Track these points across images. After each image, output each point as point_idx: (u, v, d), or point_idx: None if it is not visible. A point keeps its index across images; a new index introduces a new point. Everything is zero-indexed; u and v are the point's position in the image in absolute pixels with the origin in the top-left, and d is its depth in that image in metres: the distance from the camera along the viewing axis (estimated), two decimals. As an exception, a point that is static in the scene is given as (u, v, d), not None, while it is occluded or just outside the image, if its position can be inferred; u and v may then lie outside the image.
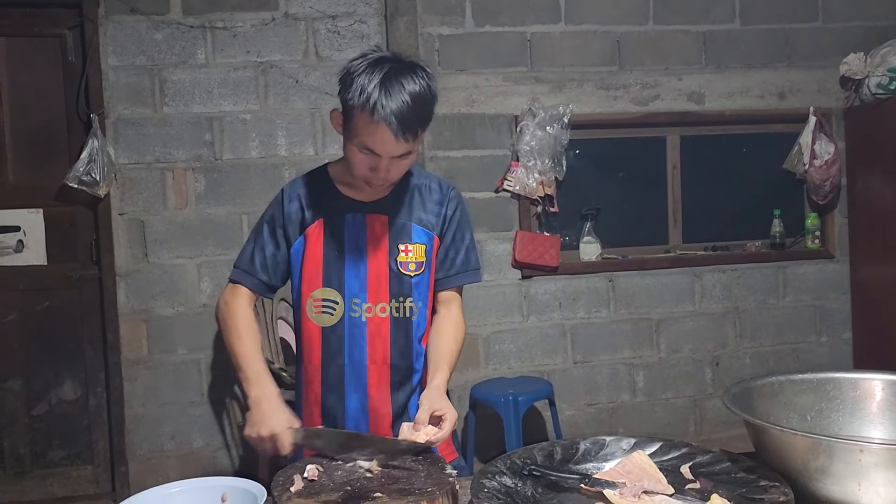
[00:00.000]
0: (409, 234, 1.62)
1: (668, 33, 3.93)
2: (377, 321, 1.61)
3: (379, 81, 1.43)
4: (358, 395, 1.62)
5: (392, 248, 1.61)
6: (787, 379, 1.49)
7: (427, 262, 1.63)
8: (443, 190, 1.67)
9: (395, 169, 1.52)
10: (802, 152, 4.00)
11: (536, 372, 3.86)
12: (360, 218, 1.61)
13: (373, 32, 3.66)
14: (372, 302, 1.60)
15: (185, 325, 3.58)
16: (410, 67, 1.48)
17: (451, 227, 1.66)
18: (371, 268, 1.60)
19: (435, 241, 1.65)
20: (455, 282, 1.67)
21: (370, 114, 1.42)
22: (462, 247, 1.67)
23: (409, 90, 1.44)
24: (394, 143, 1.45)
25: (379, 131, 1.44)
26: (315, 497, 1.24)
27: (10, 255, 3.50)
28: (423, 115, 1.48)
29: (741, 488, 1.25)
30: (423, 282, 1.63)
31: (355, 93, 1.44)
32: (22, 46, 3.48)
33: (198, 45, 3.55)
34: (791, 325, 4.12)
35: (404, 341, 1.62)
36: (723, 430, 3.94)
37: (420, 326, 1.64)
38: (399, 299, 1.61)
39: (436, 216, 1.65)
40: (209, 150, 3.58)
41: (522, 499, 1.28)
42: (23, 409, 3.54)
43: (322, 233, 1.62)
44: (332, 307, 1.61)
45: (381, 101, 1.41)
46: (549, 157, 3.74)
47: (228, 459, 3.67)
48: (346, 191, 1.63)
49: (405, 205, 1.63)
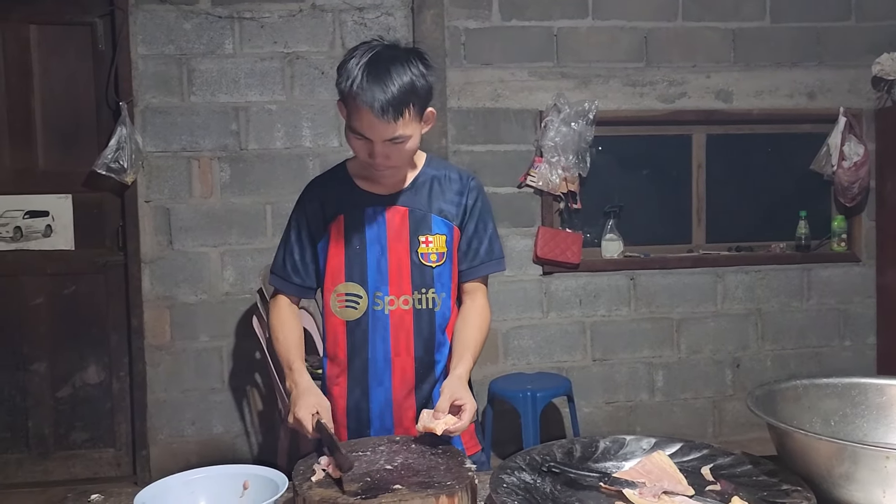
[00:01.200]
0: (430, 225, 1.62)
1: (697, 30, 3.89)
2: (400, 314, 1.61)
3: (364, 66, 1.45)
4: (382, 388, 1.63)
5: (413, 239, 1.61)
6: (811, 383, 1.47)
7: (448, 253, 1.63)
8: (462, 180, 1.66)
9: (395, 154, 1.53)
10: (831, 153, 3.94)
11: (555, 368, 3.85)
12: (379, 211, 1.62)
13: (399, 25, 3.67)
14: (394, 294, 1.61)
15: (208, 312, 3.62)
16: (404, 55, 1.50)
17: (473, 218, 1.65)
18: (392, 260, 1.61)
19: (455, 232, 1.64)
20: (479, 272, 1.67)
21: (354, 97, 1.46)
22: (485, 236, 1.66)
23: (394, 74, 1.45)
24: (378, 125, 1.46)
25: (363, 114, 1.46)
26: (335, 487, 1.25)
27: (39, 240, 3.55)
28: (410, 99, 1.47)
29: (762, 491, 1.25)
30: (445, 272, 1.63)
31: (343, 78, 1.48)
32: (53, 34, 3.52)
33: (225, 36, 3.58)
34: (814, 328, 4.07)
35: (428, 333, 1.62)
36: (742, 433, 3.91)
37: (444, 317, 1.64)
38: (421, 291, 1.62)
39: (456, 206, 1.64)
40: (235, 139, 3.61)
41: (541, 495, 1.28)
42: (48, 391, 3.60)
43: (343, 228, 1.63)
44: (356, 301, 1.62)
45: (362, 83, 1.44)
46: (573, 153, 3.72)
47: (248, 446, 3.71)
48: (365, 185, 1.64)
49: (424, 196, 1.63)
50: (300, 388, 1.54)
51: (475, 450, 1.67)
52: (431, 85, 1.54)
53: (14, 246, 3.54)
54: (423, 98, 1.52)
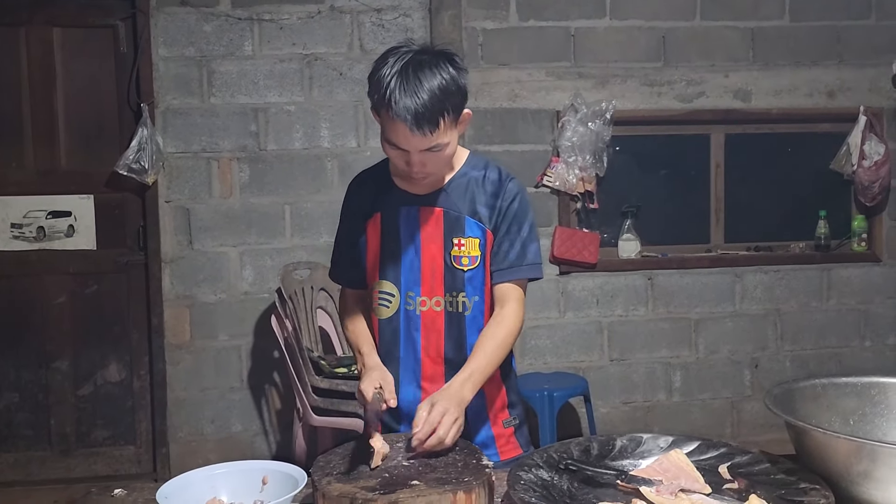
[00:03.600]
0: (463, 228, 1.60)
1: (716, 29, 3.87)
2: (432, 315, 1.61)
3: (396, 76, 1.43)
4: (412, 387, 1.63)
5: (447, 241, 1.59)
6: (830, 382, 1.47)
7: (481, 257, 1.60)
8: (500, 181, 1.62)
9: (432, 162, 1.51)
10: (851, 153, 3.91)
11: (572, 368, 3.85)
12: (414, 211, 1.61)
13: (417, 26, 3.68)
14: (426, 296, 1.60)
15: (227, 311, 3.66)
16: (434, 59, 1.47)
17: (507, 220, 1.60)
18: (425, 261, 1.60)
19: (488, 235, 1.60)
20: (507, 276, 1.60)
21: (387, 110, 1.43)
22: (517, 240, 1.60)
23: (427, 83, 1.42)
24: (413, 138, 1.44)
25: (398, 127, 1.44)
26: (353, 483, 1.26)
27: (62, 240, 3.61)
28: (444, 108, 1.44)
29: (780, 490, 1.24)
30: (477, 276, 1.60)
31: (375, 89, 1.46)
32: (76, 37, 3.58)
33: (245, 37, 3.61)
34: (834, 328, 4.03)
35: (458, 336, 1.61)
36: (760, 434, 3.88)
37: (476, 321, 1.61)
38: (452, 293, 1.60)
39: (489, 209, 1.60)
40: (254, 140, 3.64)
41: (558, 492, 1.29)
42: (70, 388, 3.65)
43: (379, 226, 1.63)
44: (389, 300, 1.63)
45: (395, 96, 1.41)
46: (591, 153, 3.72)
47: (266, 445, 3.74)
48: (402, 184, 1.62)
49: (460, 197, 1.61)
50: (367, 366, 1.59)
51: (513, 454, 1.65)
52: (465, 87, 1.51)
53: (37, 246, 3.59)
54: (457, 103, 1.49)
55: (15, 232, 3.58)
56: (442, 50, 1.52)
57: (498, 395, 1.67)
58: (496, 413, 1.67)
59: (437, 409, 1.40)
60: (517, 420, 1.70)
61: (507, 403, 1.69)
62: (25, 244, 3.59)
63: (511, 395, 1.70)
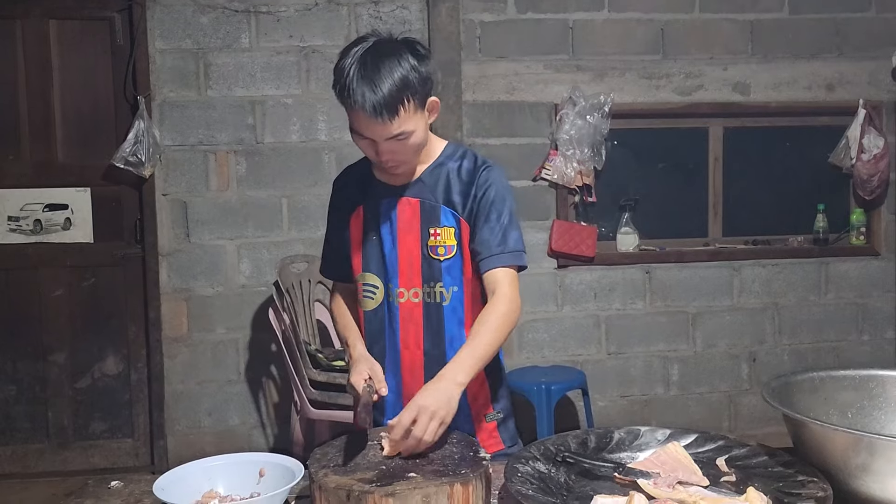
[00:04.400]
0: (439, 218, 1.60)
1: (714, 22, 3.86)
2: (410, 306, 1.61)
3: (353, 66, 1.44)
4: (395, 379, 1.63)
5: (423, 232, 1.60)
6: (828, 375, 1.47)
7: (457, 246, 1.59)
8: (475, 169, 1.60)
9: (401, 151, 1.51)
10: (850, 146, 3.90)
11: (570, 362, 3.85)
12: (392, 203, 1.62)
13: (414, 18, 3.67)
14: (405, 287, 1.61)
15: (225, 305, 3.65)
16: (395, 47, 1.47)
17: (484, 209, 1.57)
18: (402, 252, 1.61)
19: (462, 224, 1.59)
20: (491, 264, 1.55)
21: (346, 99, 1.45)
22: (497, 227, 1.56)
23: (385, 71, 1.43)
24: (375, 125, 1.45)
25: (359, 116, 1.45)
26: (350, 475, 1.26)
27: (59, 233, 3.60)
28: (403, 95, 1.44)
29: (778, 482, 1.24)
30: (455, 266, 1.60)
31: (336, 80, 1.48)
32: (72, 29, 3.56)
33: (242, 30, 3.60)
34: (832, 322, 4.03)
35: (437, 327, 1.61)
36: (757, 427, 3.89)
37: (455, 312, 1.61)
38: (430, 284, 1.60)
39: (463, 197, 1.59)
40: (251, 133, 3.63)
41: (556, 485, 1.29)
42: (67, 381, 3.65)
43: (362, 219, 1.65)
44: (373, 292, 1.64)
45: (352, 84, 1.43)
46: (589, 146, 3.71)
47: (263, 438, 3.74)
48: (382, 176, 1.63)
49: (436, 187, 1.61)
50: (354, 357, 1.60)
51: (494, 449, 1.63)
52: (428, 75, 1.49)
53: (34, 239, 3.58)
54: (419, 90, 1.48)
55: (12, 225, 3.57)
56: (405, 38, 1.52)
57: (481, 389, 1.66)
58: (479, 408, 1.66)
59: (410, 408, 1.35)
60: (501, 414, 1.69)
61: (492, 398, 1.68)
62: (22, 237, 3.58)
63: (495, 389, 1.69)
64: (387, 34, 1.52)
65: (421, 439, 1.33)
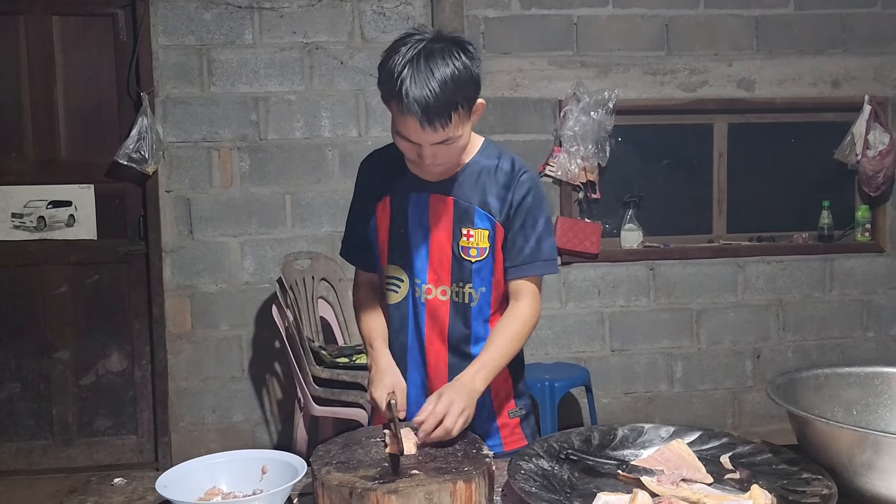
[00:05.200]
0: (472, 219, 1.57)
1: (719, 17, 3.84)
2: (436, 303, 1.60)
3: (406, 67, 1.38)
4: (419, 373, 1.63)
5: (455, 231, 1.57)
6: (833, 372, 1.46)
7: (490, 249, 1.57)
8: (513, 173, 1.58)
9: (443, 154, 1.48)
10: (855, 142, 3.88)
11: (573, 359, 3.84)
12: (423, 198, 1.59)
13: (418, 14, 3.66)
14: (433, 284, 1.59)
15: (228, 301, 3.65)
16: (446, 48, 1.42)
17: (520, 215, 1.56)
18: (433, 250, 1.58)
19: (497, 228, 1.57)
20: (522, 272, 1.57)
21: (398, 103, 1.40)
22: (532, 235, 1.56)
23: (438, 74, 1.38)
24: (424, 132, 1.41)
25: (408, 121, 1.41)
26: (353, 472, 1.26)
27: (63, 230, 3.60)
28: (456, 100, 1.41)
29: (782, 480, 1.24)
30: (485, 268, 1.58)
31: (385, 80, 1.42)
32: (75, 25, 3.56)
33: (245, 26, 3.59)
34: (837, 319, 4.02)
35: (463, 326, 1.60)
36: (761, 424, 3.88)
37: (482, 312, 1.60)
38: (459, 284, 1.58)
39: (500, 201, 1.56)
40: (254, 129, 3.63)
41: (559, 482, 1.28)
42: (71, 378, 3.66)
43: (388, 210, 1.62)
44: (398, 285, 1.62)
45: (405, 88, 1.37)
46: (593, 142, 3.70)
47: (267, 434, 3.74)
48: (415, 169, 1.59)
49: (471, 187, 1.58)
50: (379, 367, 1.57)
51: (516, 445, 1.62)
52: (478, 77, 1.46)
53: (38, 235, 3.59)
54: (470, 94, 1.45)
55: (16, 222, 3.57)
56: (455, 37, 1.47)
57: (504, 385, 1.65)
58: (501, 403, 1.65)
59: (443, 400, 1.40)
60: (523, 410, 1.69)
61: (514, 393, 1.68)
62: (26, 234, 3.58)
63: (518, 385, 1.69)
64: (435, 32, 1.46)
65: (451, 431, 1.37)
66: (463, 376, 1.48)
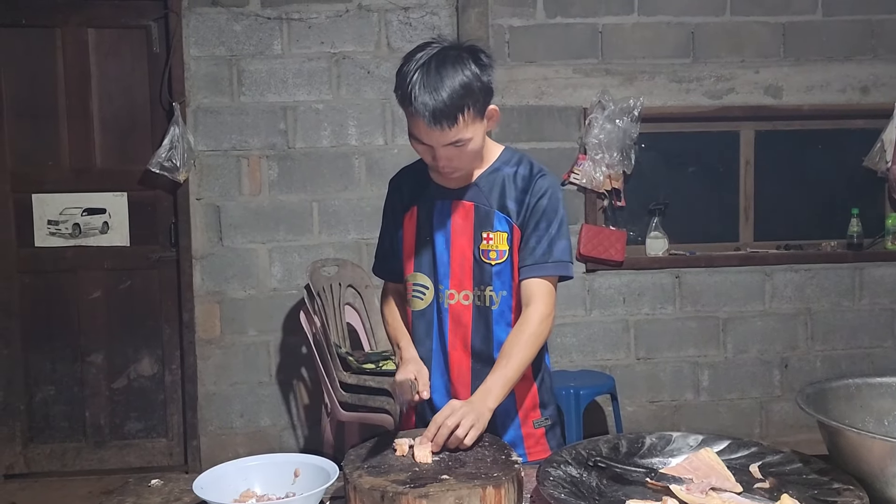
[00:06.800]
0: (492, 222, 1.61)
1: (746, 24, 3.83)
2: (460, 308, 1.63)
3: (416, 73, 1.46)
4: (442, 379, 1.66)
5: (476, 235, 1.62)
6: (864, 382, 1.45)
7: (509, 251, 1.61)
8: (531, 177, 1.61)
9: (457, 157, 1.53)
10: (885, 149, 3.84)
11: (598, 366, 3.83)
12: (447, 205, 1.64)
13: (444, 24, 3.69)
14: (455, 289, 1.63)
15: (257, 307, 3.70)
16: (458, 55, 1.48)
17: (535, 216, 1.59)
18: (455, 255, 1.63)
19: (515, 231, 1.61)
20: (533, 272, 1.59)
21: (408, 105, 1.47)
22: (544, 237, 1.59)
23: (447, 79, 1.44)
24: (432, 133, 1.47)
25: (418, 122, 1.47)
26: (384, 476, 1.28)
27: (97, 236, 3.68)
28: (464, 104, 1.46)
29: (813, 490, 1.24)
30: (505, 271, 1.61)
31: (399, 85, 1.50)
32: (110, 37, 3.64)
33: (274, 37, 3.65)
34: (866, 328, 3.97)
35: (485, 330, 1.62)
36: (790, 434, 3.84)
37: (503, 315, 1.63)
38: (480, 287, 1.62)
39: (518, 204, 1.60)
40: (283, 138, 3.68)
41: (587, 489, 1.29)
42: (104, 382, 3.73)
43: (415, 219, 1.67)
44: (423, 292, 1.66)
45: (414, 91, 1.44)
46: (618, 150, 3.70)
47: (294, 439, 3.78)
48: (438, 179, 1.65)
49: (491, 192, 1.62)
50: (404, 358, 1.64)
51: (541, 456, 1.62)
52: (489, 83, 1.52)
53: (73, 242, 3.67)
54: (480, 99, 1.50)
55: (52, 229, 3.66)
56: (469, 45, 1.53)
57: (528, 393, 1.67)
58: (526, 412, 1.67)
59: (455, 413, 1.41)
60: (549, 421, 1.70)
61: (539, 403, 1.69)
62: (62, 241, 3.67)
63: (543, 394, 1.70)
64: (452, 40, 1.54)
65: (462, 440, 1.39)
66: (474, 397, 1.50)
